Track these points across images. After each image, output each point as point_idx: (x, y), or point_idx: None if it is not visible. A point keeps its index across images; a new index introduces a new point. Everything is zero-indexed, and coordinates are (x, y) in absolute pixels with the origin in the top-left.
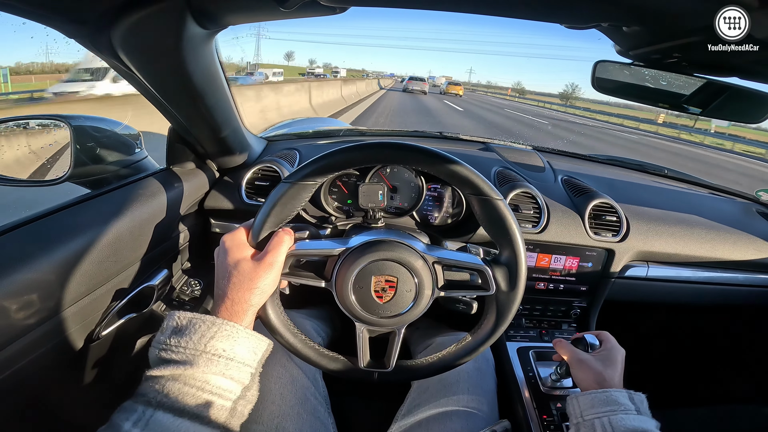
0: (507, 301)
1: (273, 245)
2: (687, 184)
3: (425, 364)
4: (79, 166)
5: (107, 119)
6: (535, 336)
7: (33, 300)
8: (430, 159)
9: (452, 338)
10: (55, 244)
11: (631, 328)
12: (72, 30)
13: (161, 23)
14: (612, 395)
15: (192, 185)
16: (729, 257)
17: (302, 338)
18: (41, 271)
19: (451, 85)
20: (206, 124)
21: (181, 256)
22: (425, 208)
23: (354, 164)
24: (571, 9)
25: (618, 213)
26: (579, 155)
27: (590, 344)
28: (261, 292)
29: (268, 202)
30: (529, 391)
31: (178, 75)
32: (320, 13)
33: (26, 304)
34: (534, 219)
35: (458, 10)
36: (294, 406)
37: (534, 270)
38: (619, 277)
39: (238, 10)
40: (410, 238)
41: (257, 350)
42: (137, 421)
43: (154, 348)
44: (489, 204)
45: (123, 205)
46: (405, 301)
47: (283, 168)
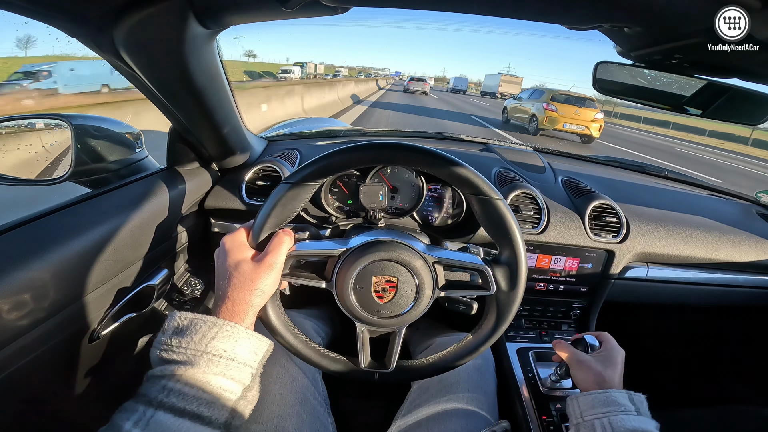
0: (507, 301)
1: (273, 246)
2: (687, 185)
3: (425, 364)
4: (80, 165)
5: (108, 119)
6: (534, 337)
7: (33, 300)
8: (431, 159)
9: (452, 338)
10: (56, 243)
11: (631, 329)
12: (74, 29)
13: (163, 23)
14: (612, 396)
15: (193, 185)
16: (729, 258)
17: (303, 339)
18: (41, 270)
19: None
20: (207, 123)
21: (181, 255)
22: (425, 209)
23: (354, 165)
24: (573, 10)
25: (618, 214)
26: (579, 156)
27: (590, 345)
28: (261, 293)
29: (268, 203)
30: (528, 392)
31: (179, 75)
32: (322, 13)
33: (26, 304)
34: (534, 220)
35: (460, 10)
36: (294, 406)
37: (534, 271)
38: (619, 278)
39: (240, 10)
40: (410, 238)
41: (258, 351)
42: (138, 421)
43: (155, 348)
44: (489, 204)
45: (123, 205)
46: (405, 301)
47: (284, 168)
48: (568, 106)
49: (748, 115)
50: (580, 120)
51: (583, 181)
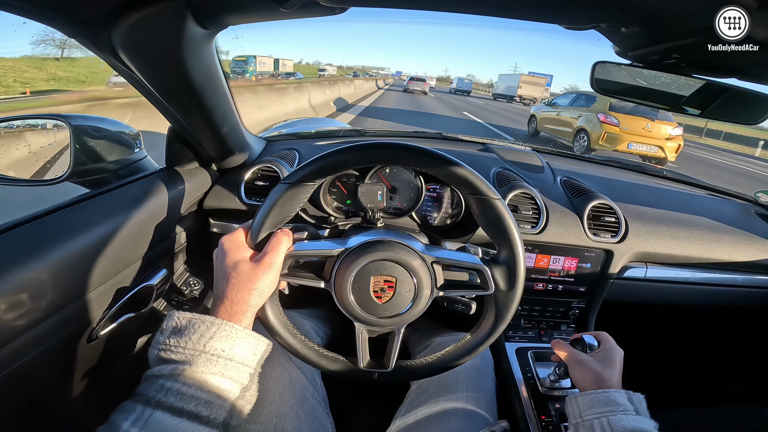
0: (506, 301)
1: (272, 246)
2: (686, 185)
3: (424, 364)
4: (79, 165)
5: (107, 119)
6: (533, 336)
7: (31, 299)
8: (429, 159)
9: (451, 338)
10: (55, 243)
11: (630, 329)
12: (72, 30)
13: (162, 23)
14: (611, 396)
15: (191, 185)
16: (728, 258)
17: (301, 339)
18: (40, 270)
19: None
20: (206, 124)
21: (180, 255)
22: (424, 209)
23: (353, 165)
24: (570, 10)
25: (617, 214)
26: (578, 156)
27: (589, 345)
28: (260, 293)
29: (266, 203)
30: (527, 392)
31: (178, 75)
32: (320, 13)
33: (25, 304)
34: (533, 220)
35: (457, 10)
36: (293, 406)
37: (533, 271)
38: (617, 278)
39: (239, 11)
40: (409, 238)
41: (256, 350)
42: (136, 420)
43: (153, 348)
44: (487, 204)
45: (122, 205)
46: (404, 301)
47: (283, 168)
48: (636, 119)
49: (746, 114)
50: (652, 138)
51: (582, 180)
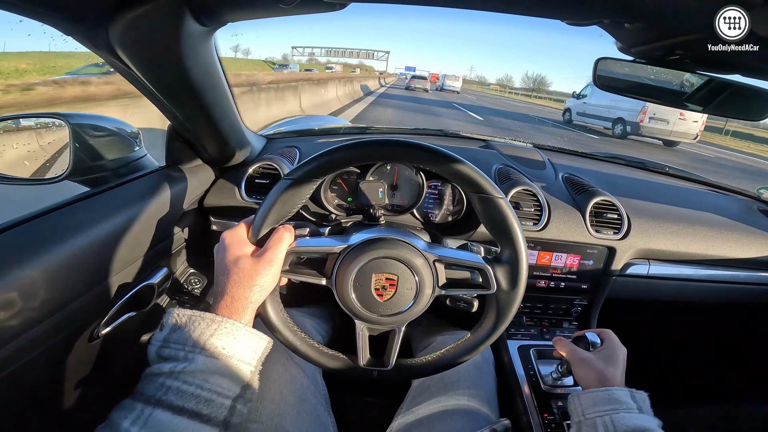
0: (508, 300)
1: (273, 242)
2: (688, 181)
3: (425, 362)
4: (78, 164)
5: (106, 117)
6: (535, 334)
7: (32, 299)
8: (431, 156)
9: (453, 337)
10: (54, 242)
11: (633, 326)
12: (69, 27)
13: (159, 20)
14: (614, 394)
15: (192, 183)
16: (731, 255)
17: (302, 336)
18: (40, 269)
19: None
20: (206, 121)
21: (181, 254)
22: (426, 206)
23: (354, 162)
24: (573, 5)
25: (619, 210)
26: (580, 153)
27: (591, 342)
28: (261, 289)
29: (268, 199)
30: (530, 390)
31: (176, 73)
32: (320, 9)
33: (25, 303)
34: (535, 217)
35: (458, 6)
36: (293, 404)
37: (535, 268)
38: (620, 275)
39: (237, 7)
40: (411, 236)
41: (257, 348)
42: (136, 419)
43: (153, 346)
44: (490, 202)
45: (122, 204)
46: (405, 299)
47: (283, 165)
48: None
49: (749, 111)
50: None
51: (584, 177)
